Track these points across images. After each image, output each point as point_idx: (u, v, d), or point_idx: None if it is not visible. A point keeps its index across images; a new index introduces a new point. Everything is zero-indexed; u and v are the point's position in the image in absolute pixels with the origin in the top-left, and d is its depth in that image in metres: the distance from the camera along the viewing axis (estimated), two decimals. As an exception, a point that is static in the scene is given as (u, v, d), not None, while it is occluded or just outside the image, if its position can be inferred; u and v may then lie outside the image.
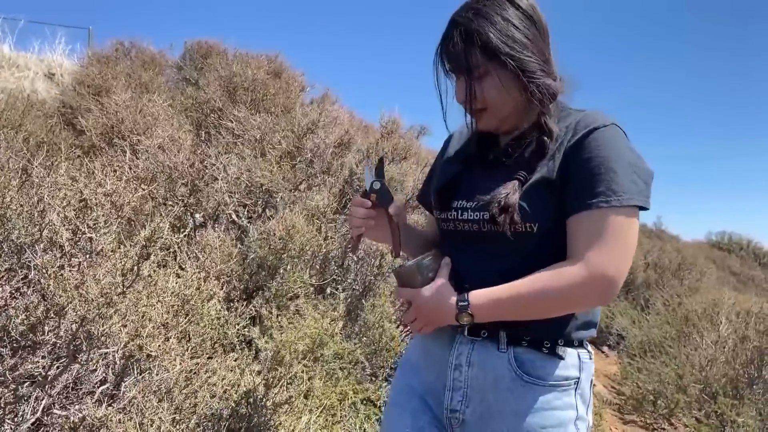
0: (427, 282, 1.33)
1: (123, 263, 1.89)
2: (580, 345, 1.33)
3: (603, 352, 7.62)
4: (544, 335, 1.28)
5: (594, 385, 1.39)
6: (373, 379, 3.54)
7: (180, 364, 1.91)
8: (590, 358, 1.35)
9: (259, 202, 4.24)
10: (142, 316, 1.88)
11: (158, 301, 1.93)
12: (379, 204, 1.45)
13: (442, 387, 1.36)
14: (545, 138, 1.29)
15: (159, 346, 1.85)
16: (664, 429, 4.92)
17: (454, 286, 1.31)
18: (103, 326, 1.60)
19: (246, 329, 3.09)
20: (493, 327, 1.30)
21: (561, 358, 1.28)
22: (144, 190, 2.89)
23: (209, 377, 2.35)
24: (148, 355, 1.84)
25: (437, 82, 1.36)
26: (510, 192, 1.25)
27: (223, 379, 2.46)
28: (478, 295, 1.26)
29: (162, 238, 1.91)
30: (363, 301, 3.83)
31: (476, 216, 1.30)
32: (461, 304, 1.26)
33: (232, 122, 4.79)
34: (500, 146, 1.39)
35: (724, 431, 4.34)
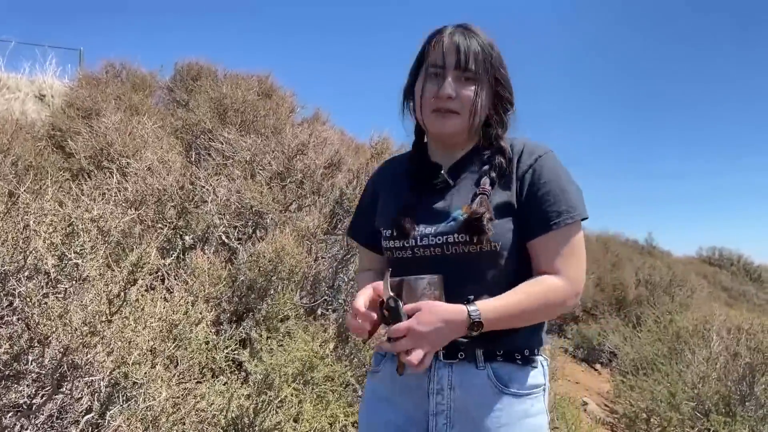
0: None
1: (109, 289, 1.88)
2: (540, 352, 1.41)
3: (596, 370, 7.61)
4: (514, 347, 1.35)
5: (587, 403, 1.43)
6: (365, 401, 3.51)
7: (166, 390, 1.89)
8: (548, 363, 1.44)
9: (249, 224, 4.24)
10: (129, 343, 1.86)
11: (145, 327, 1.91)
12: (383, 323, 1.30)
13: (423, 414, 1.36)
14: (501, 158, 1.38)
15: (145, 373, 1.83)
16: (657, 447, 4.90)
17: None
18: (87, 355, 1.58)
19: (236, 352, 3.07)
20: (469, 347, 1.32)
21: (533, 366, 1.37)
22: (133, 213, 2.89)
23: (197, 402, 2.33)
24: (134, 383, 1.82)
25: (421, 67, 1.41)
26: (482, 204, 1.31)
27: (211, 405, 2.44)
28: (486, 307, 1.28)
29: (149, 263, 1.90)
30: (354, 322, 3.81)
31: (440, 240, 1.34)
32: (474, 315, 1.25)
33: (222, 144, 4.79)
34: (443, 169, 1.42)
35: (717, 449, 4.32)
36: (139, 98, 6.30)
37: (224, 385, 2.73)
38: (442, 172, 1.41)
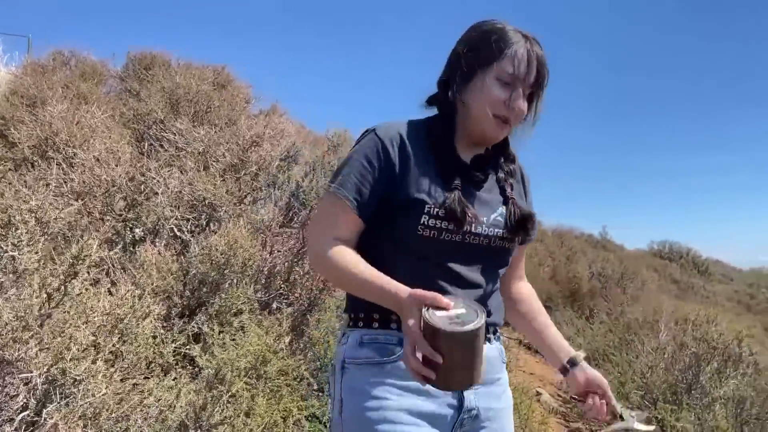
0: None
1: (48, 283, 1.81)
2: None
3: (550, 361, 7.74)
4: (498, 324, 1.50)
5: (540, 393, 1.52)
6: (319, 394, 3.49)
7: (107, 387, 1.82)
8: None
9: (203, 216, 4.15)
10: (69, 339, 1.79)
11: (86, 321, 1.85)
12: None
13: (459, 392, 1.37)
14: (514, 166, 1.52)
15: (85, 368, 1.77)
16: (608, 436, 5.01)
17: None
18: (18, 351, 1.51)
19: (187, 347, 3.00)
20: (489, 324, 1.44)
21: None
22: (77, 204, 2.79)
23: (144, 399, 2.26)
24: (74, 380, 1.75)
25: (490, 63, 1.37)
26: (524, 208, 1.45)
27: (158, 401, 2.37)
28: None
29: (90, 255, 1.84)
30: (308, 316, 3.78)
31: (491, 232, 1.39)
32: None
33: (175, 135, 4.68)
34: (482, 163, 1.46)
35: (664, 436, 4.45)
36: (87, 87, 6.10)
37: (173, 380, 2.67)
38: (487, 166, 1.46)
